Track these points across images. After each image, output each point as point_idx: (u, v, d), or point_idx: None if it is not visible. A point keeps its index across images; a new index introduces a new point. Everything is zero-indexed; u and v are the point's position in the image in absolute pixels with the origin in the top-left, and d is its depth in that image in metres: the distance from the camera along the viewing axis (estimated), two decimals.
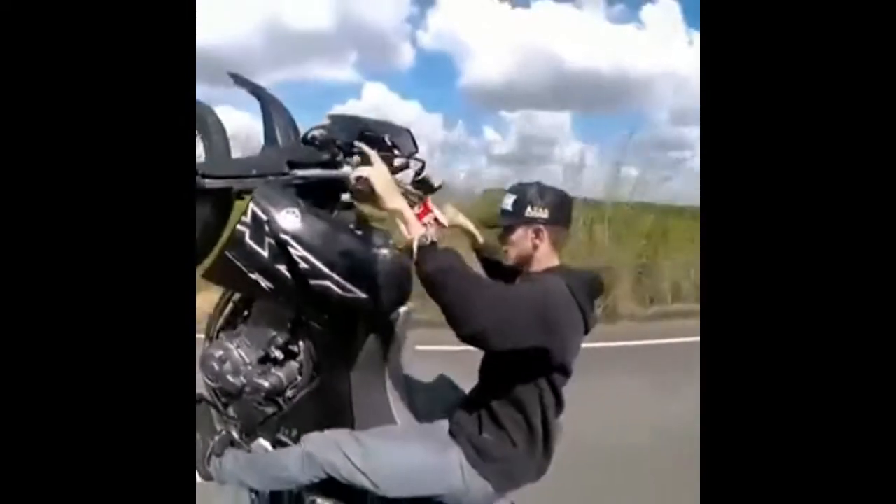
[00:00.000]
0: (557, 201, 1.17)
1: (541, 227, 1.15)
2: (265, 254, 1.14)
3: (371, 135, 1.18)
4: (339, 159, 1.19)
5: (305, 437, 1.17)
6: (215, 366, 1.28)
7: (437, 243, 1.01)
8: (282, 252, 1.13)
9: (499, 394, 1.11)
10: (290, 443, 1.26)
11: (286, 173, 1.16)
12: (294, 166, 1.17)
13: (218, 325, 1.41)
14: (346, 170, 1.17)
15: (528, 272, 1.18)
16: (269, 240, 1.13)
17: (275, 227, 1.12)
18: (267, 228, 1.12)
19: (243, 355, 1.29)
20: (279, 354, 1.28)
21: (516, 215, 1.16)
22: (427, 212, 1.15)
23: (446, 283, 0.98)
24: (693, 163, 5.76)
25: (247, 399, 1.29)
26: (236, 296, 1.39)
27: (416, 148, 1.30)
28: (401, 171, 1.29)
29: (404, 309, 1.22)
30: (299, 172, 1.16)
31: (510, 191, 1.21)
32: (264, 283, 1.17)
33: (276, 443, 1.30)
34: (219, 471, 1.27)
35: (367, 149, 1.10)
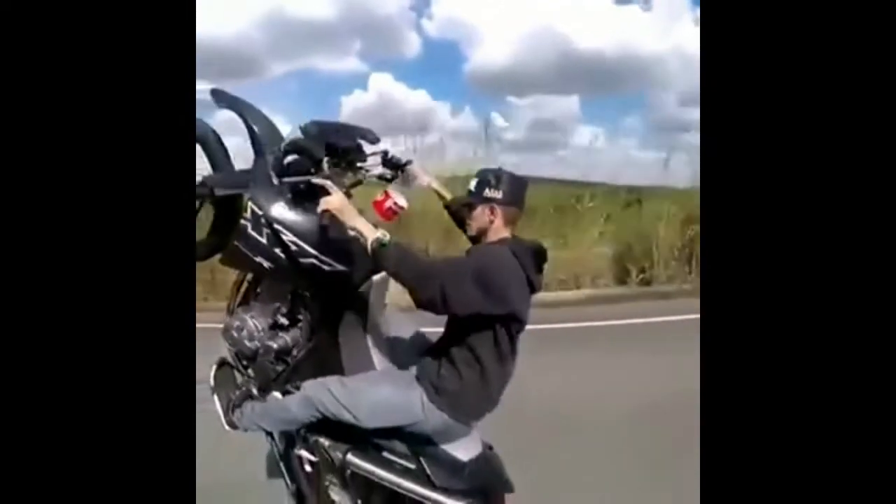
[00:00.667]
0: (512, 185, 1.38)
1: (495, 206, 1.37)
2: (264, 241, 1.42)
3: (335, 143, 1.42)
4: (313, 170, 1.43)
5: (304, 384, 1.44)
6: (234, 334, 1.58)
7: (387, 242, 1.28)
8: (276, 238, 1.41)
9: (456, 341, 1.34)
10: (295, 392, 1.54)
11: (273, 183, 1.45)
12: (280, 174, 1.44)
13: (236, 301, 1.70)
14: (317, 178, 1.41)
15: (484, 242, 1.41)
16: (265, 229, 1.41)
17: (269, 219, 1.41)
18: (263, 221, 1.41)
19: (256, 324, 1.58)
20: (284, 321, 1.57)
21: (477, 195, 1.38)
22: (387, 198, 1.40)
23: (398, 271, 1.28)
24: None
25: (261, 359, 1.57)
26: (249, 277, 1.68)
27: (378, 139, 1.54)
28: (371, 157, 1.54)
29: (375, 278, 1.47)
30: (285, 180, 1.43)
31: (476, 175, 1.43)
32: (266, 264, 1.45)
33: (286, 394, 1.57)
34: (240, 419, 1.57)
35: (325, 183, 1.36)
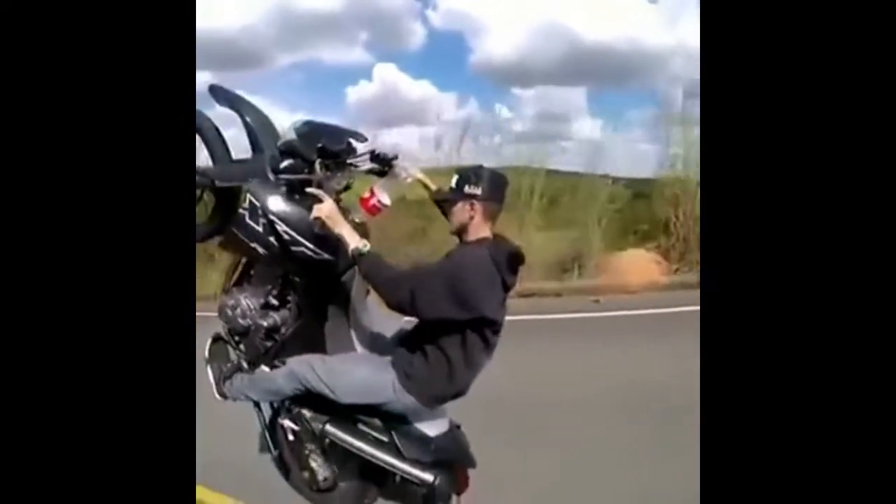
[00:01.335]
0: (492, 182, 1.46)
1: (475, 202, 1.45)
2: (260, 229, 1.56)
3: (326, 146, 1.53)
4: (306, 170, 1.55)
5: (290, 359, 1.58)
6: (229, 311, 1.72)
7: (365, 252, 1.41)
8: (271, 228, 1.55)
9: (427, 337, 1.46)
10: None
11: (270, 178, 1.57)
12: (276, 172, 1.56)
13: (232, 281, 1.84)
14: (311, 185, 1.52)
15: (464, 240, 1.51)
16: (262, 219, 1.55)
17: (265, 210, 1.54)
18: (260, 212, 1.54)
19: (249, 303, 1.72)
20: (275, 302, 1.71)
21: (458, 192, 1.47)
22: (372, 196, 1.52)
23: (371, 275, 1.43)
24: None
25: (252, 335, 1.71)
26: (244, 260, 1.81)
27: (366, 138, 1.66)
28: (361, 157, 1.65)
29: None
30: (281, 177, 1.56)
31: (456, 172, 1.53)
32: (260, 250, 1.59)
33: (273, 368, 1.71)
34: (230, 389, 1.71)
35: (318, 192, 1.48)
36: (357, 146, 1.63)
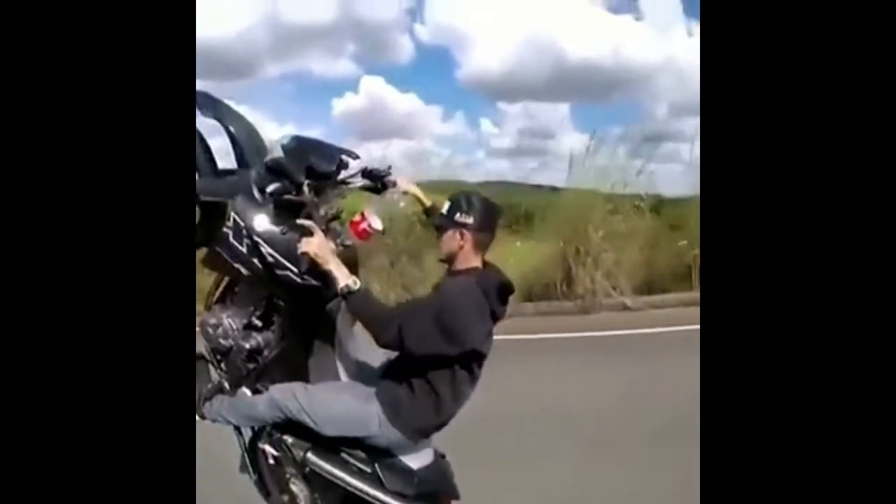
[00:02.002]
0: (484, 211, 1.43)
1: (465, 231, 1.42)
2: (243, 250, 1.50)
3: (315, 167, 1.47)
4: (294, 192, 1.48)
5: (273, 386, 1.54)
6: (210, 330, 1.67)
7: (355, 290, 1.37)
8: (255, 249, 1.49)
9: (414, 371, 1.42)
10: (264, 391, 1.63)
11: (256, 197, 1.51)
12: (262, 191, 1.50)
13: (213, 298, 1.78)
14: (300, 198, 1.47)
15: (453, 268, 1.48)
16: (246, 240, 1.49)
17: (250, 231, 1.48)
18: (244, 231, 1.48)
19: (231, 323, 1.66)
20: (258, 323, 1.66)
21: (448, 219, 1.44)
22: (363, 220, 1.47)
23: (362, 317, 1.41)
24: (692, 154, 5.76)
25: (234, 356, 1.66)
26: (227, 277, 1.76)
27: (357, 156, 1.58)
28: (353, 175, 1.59)
29: None
30: (268, 197, 1.48)
31: (448, 198, 1.49)
32: (244, 271, 1.53)
33: (256, 392, 1.67)
34: (209, 410, 1.66)
35: (308, 224, 1.42)
36: (348, 163, 1.58)
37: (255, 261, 1.50)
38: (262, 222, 1.49)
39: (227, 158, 1.82)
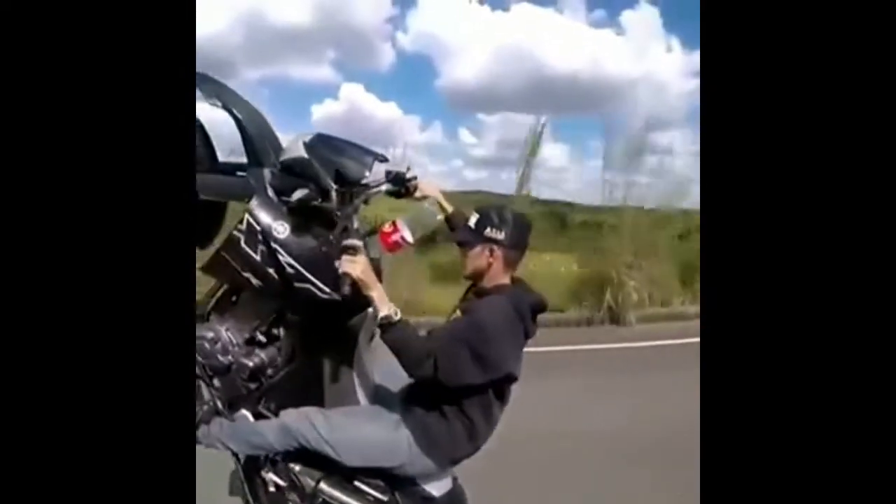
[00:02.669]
0: (516, 226, 1.33)
1: (496, 247, 1.32)
2: (257, 257, 1.33)
3: (345, 172, 1.33)
4: (318, 198, 1.31)
5: (284, 412, 1.38)
6: (206, 345, 1.48)
7: (395, 321, 1.25)
8: (271, 257, 1.32)
9: (446, 395, 1.31)
10: (269, 415, 1.47)
11: (271, 199, 1.35)
12: (280, 193, 1.34)
13: (208, 308, 1.60)
14: (326, 205, 1.31)
15: (480, 286, 1.38)
16: (261, 246, 1.32)
17: (266, 236, 1.31)
18: (259, 237, 1.32)
19: (231, 337, 1.49)
20: (262, 338, 1.49)
21: (477, 234, 1.34)
22: (395, 231, 1.33)
23: (398, 350, 1.26)
24: (670, 166, 5.94)
25: (233, 375, 1.49)
26: (225, 285, 1.58)
27: (386, 158, 1.42)
28: (379, 180, 1.43)
29: (370, 310, 1.42)
30: (291, 204, 1.31)
31: (476, 210, 1.38)
32: (255, 281, 1.37)
33: (258, 415, 1.50)
34: (206, 436, 1.48)
35: (355, 244, 1.25)
36: (376, 167, 1.44)
37: (270, 270, 1.34)
38: (281, 228, 1.33)
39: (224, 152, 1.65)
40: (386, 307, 1.25)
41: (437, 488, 1.41)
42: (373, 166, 1.35)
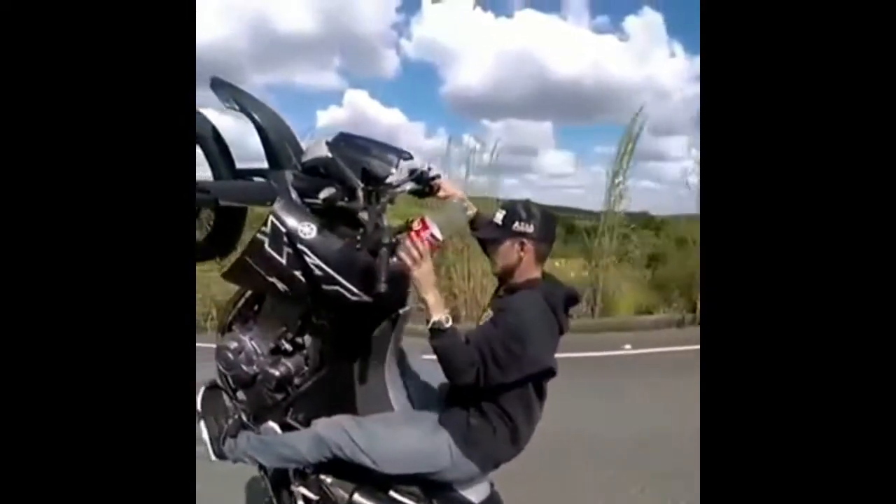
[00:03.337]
0: (543, 219, 1.32)
1: (526, 241, 1.30)
2: (283, 261, 1.29)
3: (372, 171, 1.29)
4: (344, 197, 1.28)
5: (315, 422, 1.33)
6: (230, 356, 1.44)
7: (445, 328, 1.21)
8: (298, 260, 1.28)
9: (486, 394, 1.27)
10: (298, 426, 1.42)
11: (295, 201, 1.32)
12: (304, 195, 1.32)
13: (230, 318, 1.55)
14: (353, 205, 1.28)
15: (511, 282, 1.35)
16: (286, 249, 1.28)
17: (292, 238, 1.27)
18: (285, 239, 1.28)
19: (256, 347, 1.44)
20: (288, 347, 1.44)
21: (505, 229, 1.31)
22: (425, 229, 1.29)
23: (444, 356, 1.21)
24: (673, 173, 5.99)
25: (259, 386, 1.44)
26: (248, 293, 1.53)
27: (411, 155, 1.36)
28: (404, 179, 1.37)
29: (403, 309, 1.38)
30: (319, 205, 1.28)
31: (502, 206, 1.36)
32: (280, 286, 1.32)
33: (285, 426, 1.45)
34: (233, 450, 1.43)
35: (420, 248, 1.21)
36: (401, 165, 1.40)
37: (298, 273, 1.29)
38: (308, 229, 1.29)
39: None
40: (438, 312, 1.21)
41: (476, 494, 1.35)
42: (399, 164, 1.32)
